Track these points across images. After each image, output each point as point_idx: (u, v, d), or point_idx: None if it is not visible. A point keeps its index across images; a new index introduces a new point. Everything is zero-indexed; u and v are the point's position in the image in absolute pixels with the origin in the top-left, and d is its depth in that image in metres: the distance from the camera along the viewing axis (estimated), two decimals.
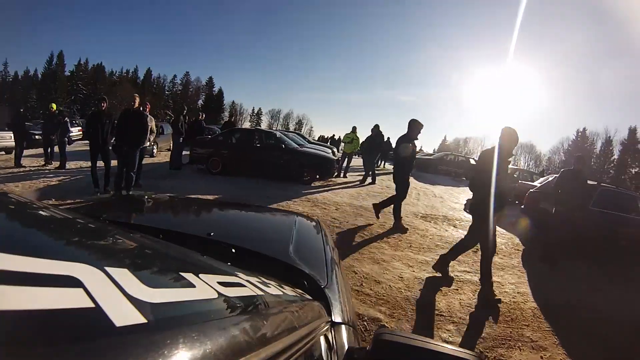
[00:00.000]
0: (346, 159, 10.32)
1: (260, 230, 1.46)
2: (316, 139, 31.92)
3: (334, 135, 23.94)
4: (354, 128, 10.36)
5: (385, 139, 11.64)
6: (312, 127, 73.18)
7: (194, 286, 0.47)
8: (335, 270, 1.14)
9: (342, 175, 9.91)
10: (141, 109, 5.68)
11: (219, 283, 0.53)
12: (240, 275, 0.67)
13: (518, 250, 5.10)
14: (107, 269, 0.37)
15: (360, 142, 10.30)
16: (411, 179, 6.92)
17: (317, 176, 8.29)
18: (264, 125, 67.77)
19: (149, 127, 5.73)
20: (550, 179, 7.17)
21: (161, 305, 0.36)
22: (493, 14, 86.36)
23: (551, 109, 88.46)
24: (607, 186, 6.07)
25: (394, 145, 5.34)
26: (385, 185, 8.92)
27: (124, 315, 0.31)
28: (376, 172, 9.81)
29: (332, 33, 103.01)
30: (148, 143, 5.88)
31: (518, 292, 3.51)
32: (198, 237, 1.03)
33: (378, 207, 5.31)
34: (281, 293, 0.71)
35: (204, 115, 10.82)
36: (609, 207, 5.55)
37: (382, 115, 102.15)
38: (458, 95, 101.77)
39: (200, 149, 8.48)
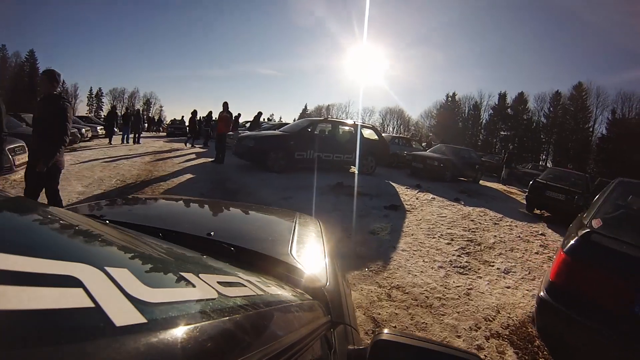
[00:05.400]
0: None
1: (260, 229, 1.45)
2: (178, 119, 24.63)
3: (210, 112, 16.43)
4: None
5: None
6: (162, 107, 64.99)
7: (194, 286, 0.47)
8: (335, 270, 1.14)
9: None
10: None
11: (219, 283, 0.53)
12: (240, 275, 0.66)
13: None
14: (107, 269, 0.37)
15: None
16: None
17: None
18: (105, 109, 57.60)
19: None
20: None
21: (161, 305, 0.36)
22: None
23: (426, 74, 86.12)
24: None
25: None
26: None
27: (124, 315, 0.31)
28: None
29: (182, 5, 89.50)
30: None
31: None
32: (198, 237, 1.03)
33: None
34: (281, 293, 0.71)
35: None
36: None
37: (243, 90, 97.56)
38: (319, 66, 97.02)
39: None
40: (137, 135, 14.16)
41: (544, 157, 47.26)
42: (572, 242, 2.09)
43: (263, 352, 0.42)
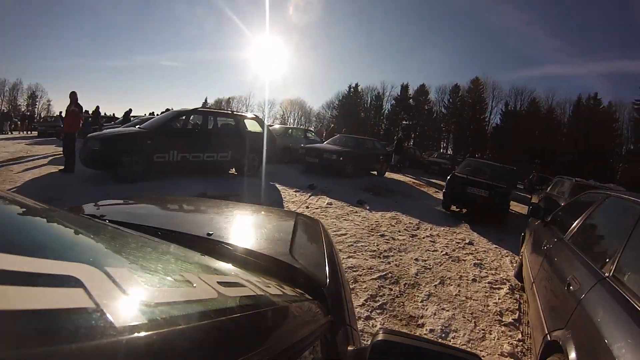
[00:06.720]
0: None
1: (259, 229, 1.45)
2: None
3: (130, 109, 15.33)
4: None
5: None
6: (50, 101, 56.11)
7: (194, 286, 0.47)
8: (336, 270, 1.14)
9: None
10: None
11: (219, 283, 0.52)
12: (240, 275, 0.67)
13: None
14: (107, 269, 0.37)
15: None
16: None
17: None
18: None
19: None
20: None
21: (161, 305, 0.36)
22: None
23: (329, 67, 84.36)
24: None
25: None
26: None
27: (124, 315, 0.31)
28: None
29: None
30: None
31: None
32: (198, 237, 1.03)
33: None
34: (281, 293, 0.70)
35: None
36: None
37: (145, 82, 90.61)
38: (222, 58, 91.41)
39: None
40: None
41: (444, 144, 51.05)
42: None
43: (263, 352, 0.42)
